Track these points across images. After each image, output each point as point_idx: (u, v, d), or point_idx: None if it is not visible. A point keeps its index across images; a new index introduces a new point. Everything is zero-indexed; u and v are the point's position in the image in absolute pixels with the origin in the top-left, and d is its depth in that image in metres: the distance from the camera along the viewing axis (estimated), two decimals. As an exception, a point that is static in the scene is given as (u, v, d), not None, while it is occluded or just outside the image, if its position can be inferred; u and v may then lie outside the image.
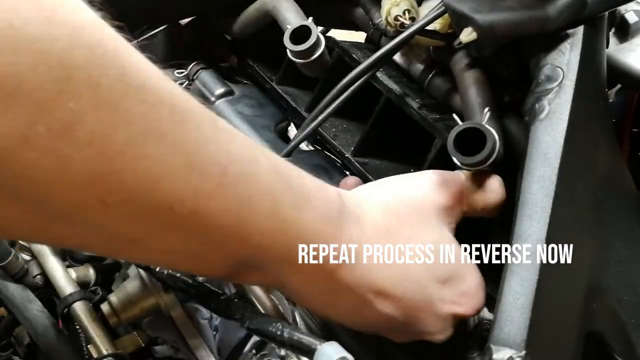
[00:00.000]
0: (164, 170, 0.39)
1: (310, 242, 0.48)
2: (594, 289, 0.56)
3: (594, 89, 0.60)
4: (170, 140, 0.39)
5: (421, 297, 0.54)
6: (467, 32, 0.60)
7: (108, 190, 0.37)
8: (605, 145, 0.62)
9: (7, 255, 0.70)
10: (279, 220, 0.46)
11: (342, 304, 0.53)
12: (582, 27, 0.57)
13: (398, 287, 0.52)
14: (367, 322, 0.55)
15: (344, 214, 0.51)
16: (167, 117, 0.39)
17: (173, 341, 0.66)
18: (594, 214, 0.57)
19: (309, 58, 0.68)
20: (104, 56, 0.36)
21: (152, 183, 0.38)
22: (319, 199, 0.49)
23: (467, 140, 0.56)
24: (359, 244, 0.51)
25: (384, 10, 0.69)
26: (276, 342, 0.53)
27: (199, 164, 0.40)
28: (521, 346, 0.48)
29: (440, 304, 0.55)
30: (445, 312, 0.55)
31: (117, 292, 0.65)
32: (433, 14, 0.63)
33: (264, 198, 0.45)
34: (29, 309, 0.71)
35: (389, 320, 0.54)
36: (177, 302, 0.66)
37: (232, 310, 0.55)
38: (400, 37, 0.65)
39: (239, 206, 0.43)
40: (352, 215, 0.52)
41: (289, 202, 0.47)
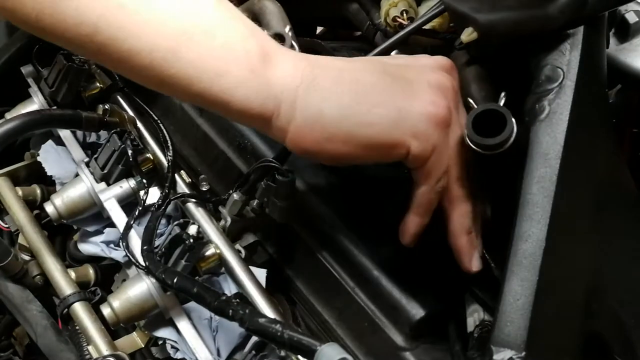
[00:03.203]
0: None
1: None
2: (594, 289, 0.56)
3: (594, 90, 0.59)
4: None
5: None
6: (467, 32, 0.60)
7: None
8: (606, 146, 0.62)
9: (6, 256, 0.70)
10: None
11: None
12: (582, 27, 0.57)
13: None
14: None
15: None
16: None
17: (173, 341, 0.66)
18: (594, 214, 0.57)
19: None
20: None
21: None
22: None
23: (479, 127, 0.55)
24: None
25: (382, 11, 0.69)
26: (276, 343, 0.53)
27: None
28: (521, 347, 0.48)
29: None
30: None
31: (116, 294, 0.65)
32: (430, 13, 0.63)
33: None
34: (28, 309, 0.71)
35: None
36: (177, 303, 0.66)
37: (232, 310, 0.55)
38: (396, 37, 0.65)
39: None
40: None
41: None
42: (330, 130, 0.54)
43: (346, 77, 0.55)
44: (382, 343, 0.65)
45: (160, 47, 0.53)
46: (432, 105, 0.55)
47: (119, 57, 0.53)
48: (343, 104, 0.54)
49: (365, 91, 0.55)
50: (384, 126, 0.54)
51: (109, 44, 0.53)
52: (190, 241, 0.64)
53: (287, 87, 0.54)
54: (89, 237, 0.75)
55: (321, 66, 0.56)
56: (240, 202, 0.69)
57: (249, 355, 0.62)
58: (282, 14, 0.74)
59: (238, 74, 0.53)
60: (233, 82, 0.53)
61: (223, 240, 0.67)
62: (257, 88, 0.54)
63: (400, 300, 0.65)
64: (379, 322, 0.66)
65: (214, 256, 0.66)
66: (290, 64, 0.55)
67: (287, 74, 0.54)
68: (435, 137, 0.55)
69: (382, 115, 0.54)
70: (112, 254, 0.73)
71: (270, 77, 0.54)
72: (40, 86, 0.82)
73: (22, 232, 0.75)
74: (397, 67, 0.58)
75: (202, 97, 0.54)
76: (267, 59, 0.54)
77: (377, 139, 0.55)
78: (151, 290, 0.65)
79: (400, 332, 0.65)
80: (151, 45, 0.53)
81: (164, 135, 0.74)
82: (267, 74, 0.54)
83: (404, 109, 0.55)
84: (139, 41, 0.53)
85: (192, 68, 0.53)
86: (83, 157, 0.77)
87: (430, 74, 0.57)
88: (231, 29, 0.55)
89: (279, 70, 0.54)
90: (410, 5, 0.69)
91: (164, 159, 0.74)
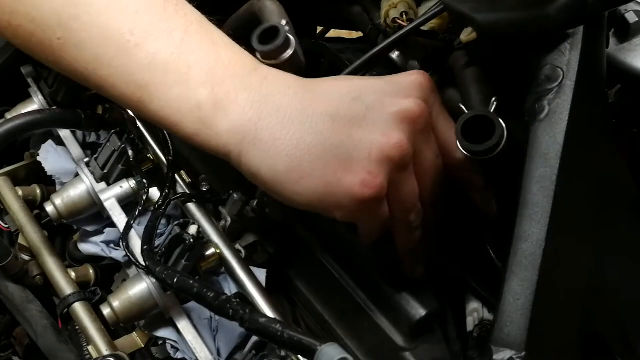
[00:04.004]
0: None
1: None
2: (594, 289, 0.56)
3: (594, 89, 0.59)
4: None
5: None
6: (467, 32, 0.60)
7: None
8: (605, 146, 0.62)
9: (6, 256, 0.70)
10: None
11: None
12: (582, 27, 0.57)
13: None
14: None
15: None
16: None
17: (173, 341, 0.66)
18: (594, 214, 0.57)
19: (277, 59, 0.67)
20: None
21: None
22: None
23: (473, 131, 0.56)
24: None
25: (382, 12, 0.69)
26: (276, 343, 0.53)
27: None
28: (521, 347, 0.48)
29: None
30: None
31: (116, 294, 0.65)
32: (429, 13, 0.63)
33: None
34: (28, 309, 0.71)
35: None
36: (177, 303, 0.66)
37: (232, 310, 0.55)
38: (393, 37, 0.65)
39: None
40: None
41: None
42: (265, 187, 0.57)
43: (287, 137, 0.55)
44: (382, 343, 0.65)
45: (127, 99, 0.58)
46: (361, 185, 0.54)
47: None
48: (277, 169, 0.55)
49: (300, 157, 0.55)
50: (309, 198, 0.56)
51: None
52: (190, 241, 0.64)
53: (232, 140, 0.56)
54: (89, 237, 0.75)
55: (270, 117, 0.56)
56: (240, 202, 0.69)
57: (249, 355, 0.62)
58: (281, 11, 0.74)
59: (192, 127, 0.57)
60: (192, 131, 0.57)
61: (223, 240, 0.67)
62: (210, 138, 0.57)
63: (400, 300, 0.65)
64: (378, 322, 0.66)
65: (214, 256, 0.66)
66: (239, 113, 0.56)
67: (234, 127, 0.56)
68: (361, 211, 0.56)
69: (309, 188, 0.55)
70: (112, 254, 0.73)
71: (220, 130, 0.56)
72: (40, 86, 0.83)
73: (22, 232, 0.75)
74: (353, 109, 0.56)
75: (176, 135, 0.59)
76: (218, 109, 0.56)
77: (303, 205, 0.57)
78: (151, 290, 0.65)
79: (400, 332, 0.65)
80: (119, 96, 0.59)
81: (164, 135, 0.74)
82: (217, 127, 0.56)
83: (332, 184, 0.55)
84: (114, 91, 0.59)
85: (157, 117, 0.58)
86: (83, 157, 0.77)
87: (393, 106, 0.56)
88: (186, 79, 0.57)
89: (226, 122, 0.56)
90: (410, 6, 0.69)
91: (164, 159, 0.74)
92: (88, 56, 0.58)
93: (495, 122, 0.55)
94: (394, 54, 0.73)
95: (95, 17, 0.57)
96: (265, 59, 0.65)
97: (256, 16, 0.75)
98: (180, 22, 0.58)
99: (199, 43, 0.58)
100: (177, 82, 0.57)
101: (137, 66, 0.57)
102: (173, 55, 0.57)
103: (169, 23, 0.58)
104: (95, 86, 0.60)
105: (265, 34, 0.66)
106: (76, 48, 0.58)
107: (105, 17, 0.57)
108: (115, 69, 0.57)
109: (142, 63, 0.57)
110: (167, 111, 0.57)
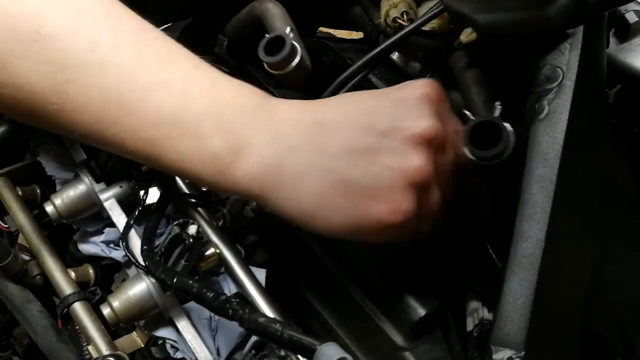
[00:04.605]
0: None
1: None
2: (594, 289, 0.56)
3: (594, 89, 0.59)
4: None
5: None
6: (467, 33, 0.60)
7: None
8: (605, 145, 0.62)
9: (6, 256, 0.70)
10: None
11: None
12: (582, 27, 0.57)
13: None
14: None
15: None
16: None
17: (173, 341, 0.66)
18: (594, 214, 0.57)
19: (284, 69, 0.67)
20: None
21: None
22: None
23: (479, 136, 0.56)
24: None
25: (382, 12, 0.69)
26: (276, 342, 0.53)
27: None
28: (521, 347, 0.48)
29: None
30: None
31: (116, 294, 0.65)
32: (429, 14, 0.63)
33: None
34: (28, 309, 0.71)
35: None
36: (176, 303, 0.66)
37: (231, 310, 0.55)
38: (395, 38, 0.65)
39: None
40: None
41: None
42: (297, 224, 0.57)
43: (309, 176, 0.55)
44: (382, 343, 0.65)
45: (139, 154, 0.57)
46: (389, 213, 0.54)
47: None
48: (305, 209, 0.55)
49: (325, 195, 0.55)
50: (342, 231, 0.56)
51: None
52: (189, 241, 0.64)
53: (253, 186, 0.56)
54: (89, 237, 0.75)
55: (287, 157, 0.55)
56: (240, 202, 0.69)
57: (249, 354, 0.62)
58: (285, 15, 0.74)
59: (210, 177, 0.56)
60: (210, 181, 0.57)
61: (222, 240, 0.67)
62: (230, 185, 0.56)
63: (400, 300, 0.65)
64: (378, 322, 0.66)
65: (214, 256, 0.66)
66: (256, 158, 0.55)
67: (253, 173, 0.56)
68: (393, 234, 0.56)
69: (340, 222, 0.55)
70: (112, 253, 0.73)
71: (239, 177, 0.56)
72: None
73: (22, 232, 0.74)
74: (368, 141, 0.55)
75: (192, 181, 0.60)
76: (234, 155, 0.55)
77: (337, 237, 0.57)
78: (151, 290, 0.65)
79: (400, 332, 0.65)
80: (131, 152, 0.57)
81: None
82: (235, 175, 0.56)
83: (361, 217, 0.55)
84: (122, 148, 0.57)
85: (172, 170, 0.57)
86: (83, 157, 0.77)
87: (406, 131, 0.55)
88: (195, 131, 0.56)
89: (245, 168, 0.55)
90: (411, 6, 0.69)
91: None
92: (90, 118, 0.55)
93: (502, 128, 0.55)
94: (394, 55, 0.73)
95: (91, 79, 0.54)
96: (273, 69, 0.66)
97: (258, 19, 0.75)
98: (174, 72, 0.57)
99: (199, 90, 0.57)
100: (187, 135, 0.55)
101: (144, 123, 0.55)
102: (177, 108, 0.55)
103: (164, 74, 0.56)
104: (103, 145, 0.58)
105: (271, 44, 0.66)
106: (75, 112, 0.55)
107: (102, 78, 0.55)
108: (121, 127, 0.55)
109: (147, 119, 0.55)
110: (181, 164, 0.56)
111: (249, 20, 0.79)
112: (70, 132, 0.58)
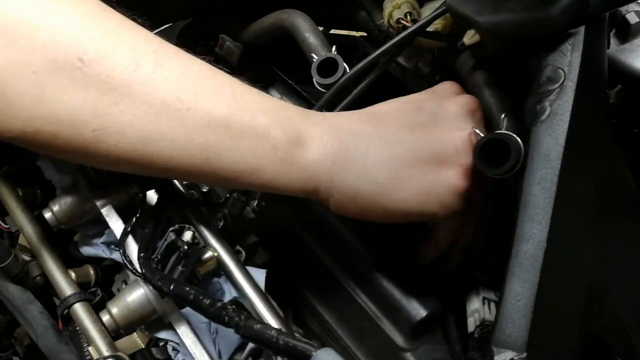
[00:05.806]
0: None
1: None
2: (595, 290, 0.56)
3: (595, 90, 0.59)
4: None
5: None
6: (470, 34, 0.60)
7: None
8: (606, 146, 0.62)
9: (7, 256, 0.70)
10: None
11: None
12: (583, 28, 0.57)
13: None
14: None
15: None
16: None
17: (175, 343, 0.66)
18: (595, 215, 0.57)
19: (332, 87, 0.68)
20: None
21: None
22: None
23: (488, 150, 0.56)
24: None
25: (385, 13, 0.68)
26: (271, 349, 0.53)
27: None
28: (522, 348, 0.48)
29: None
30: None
31: (115, 300, 0.65)
32: (432, 14, 0.63)
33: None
34: (29, 310, 0.71)
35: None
36: (175, 308, 0.65)
37: (227, 317, 0.55)
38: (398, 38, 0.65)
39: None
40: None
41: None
42: (367, 205, 0.58)
43: (376, 152, 0.58)
44: (382, 343, 0.65)
45: (187, 166, 0.55)
46: (459, 177, 0.58)
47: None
48: (378, 181, 0.57)
49: (395, 166, 0.58)
50: (415, 201, 0.58)
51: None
52: (184, 248, 0.64)
53: (321, 169, 0.57)
54: (90, 238, 0.75)
55: (350, 140, 0.58)
56: (240, 203, 0.69)
57: (247, 360, 0.62)
58: (315, 27, 0.75)
59: (274, 168, 0.56)
60: (272, 174, 0.57)
61: (221, 244, 0.66)
62: (295, 175, 0.57)
63: (400, 300, 0.65)
64: (379, 323, 0.66)
65: (212, 260, 0.65)
66: (319, 143, 0.57)
67: (318, 157, 0.57)
68: (460, 205, 0.59)
69: (413, 191, 0.58)
70: (112, 254, 0.73)
71: (304, 163, 0.57)
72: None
73: (22, 233, 0.74)
74: (422, 117, 0.61)
75: (250, 187, 0.59)
76: (296, 145, 0.57)
77: (409, 211, 0.59)
78: (149, 297, 0.64)
79: (401, 333, 0.65)
80: (175, 167, 0.56)
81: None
82: (300, 162, 0.57)
83: (432, 182, 0.58)
84: (170, 162, 0.55)
85: (228, 173, 0.56)
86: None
87: (453, 105, 0.62)
88: (252, 127, 0.56)
89: (310, 154, 0.57)
90: (414, 7, 0.68)
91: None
92: (134, 137, 0.54)
93: (511, 144, 0.55)
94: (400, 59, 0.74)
95: (137, 97, 0.53)
96: (324, 89, 0.67)
97: (284, 31, 0.76)
98: (222, 79, 0.57)
99: (250, 94, 0.57)
100: (244, 132, 0.55)
101: (196, 130, 0.54)
102: (230, 109, 0.55)
103: (212, 83, 0.56)
104: (146, 164, 0.55)
105: (323, 65, 0.68)
106: (119, 133, 0.53)
107: (148, 94, 0.53)
108: (170, 140, 0.54)
109: (199, 125, 0.54)
110: (240, 164, 0.56)
111: (272, 30, 0.79)
112: (108, 156, 0.55)
